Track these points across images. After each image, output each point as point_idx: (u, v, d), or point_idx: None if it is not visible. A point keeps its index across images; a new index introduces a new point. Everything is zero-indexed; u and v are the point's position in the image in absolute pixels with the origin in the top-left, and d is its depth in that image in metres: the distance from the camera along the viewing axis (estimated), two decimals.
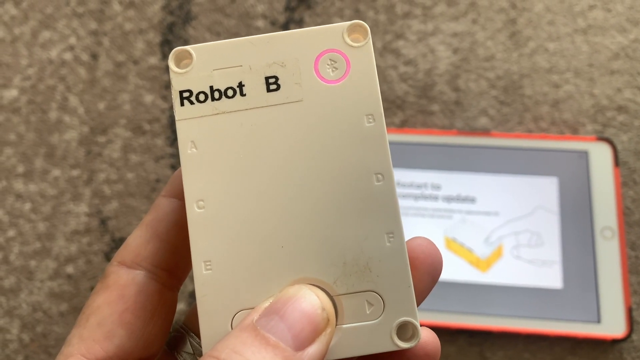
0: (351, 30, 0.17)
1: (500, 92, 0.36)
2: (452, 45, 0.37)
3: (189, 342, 0.19)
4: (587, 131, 0.36)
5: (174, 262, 0.19)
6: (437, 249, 0.18)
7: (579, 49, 0.37)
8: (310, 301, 0.15)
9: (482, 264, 0.33)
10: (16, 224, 0.36)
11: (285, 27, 0.38)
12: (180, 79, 0.17)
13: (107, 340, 0.17)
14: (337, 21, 0.38)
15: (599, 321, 0.32)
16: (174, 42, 0.38)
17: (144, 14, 0.39)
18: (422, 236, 0.18)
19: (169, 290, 0.19)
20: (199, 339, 0.19)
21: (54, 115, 0.38)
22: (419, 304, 0.17)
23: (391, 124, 0.36)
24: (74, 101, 0.38)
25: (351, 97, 0.17)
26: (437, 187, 0.35)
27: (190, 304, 0.35)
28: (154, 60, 0.38)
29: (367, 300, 0.16)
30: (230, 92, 0.17)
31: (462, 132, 0.35)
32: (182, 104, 0.17)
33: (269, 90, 0.17)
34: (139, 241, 0.18)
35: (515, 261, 0.33)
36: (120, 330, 0.17)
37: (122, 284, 0.18)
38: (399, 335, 0.16)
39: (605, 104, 0.36)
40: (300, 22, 0.38)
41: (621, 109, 0.36)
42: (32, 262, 0.36)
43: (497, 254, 0.34)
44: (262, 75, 0.17)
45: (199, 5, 0.39)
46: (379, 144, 0.17)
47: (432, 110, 0.36)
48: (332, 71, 0.17)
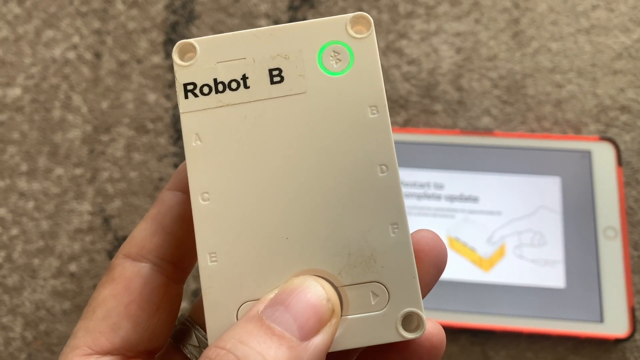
0: (354, 22, 0.17)
1: (503, 91, 0.37)
2: (455, 44, 0.37)
3: (194, 335, 0.19)
4: (590, 131, 0.36)
5: (179, 254, 0.19)
6: (442, 241, 0.18)
7: (582, 48, 0.37)
8: (315, 292, 0.15)
9: (485, 263, 0.33)
10: (19, 222, 0.36)
11: None
12: (184, 72, 0.17)
13: (113, 332, 0.17)
14: None
15: (601, 321, 0.32)
16: (177, 41, 0.38)
17: (147, 13, 0.39)
18: (427, 229, 0.18)
19: (174, 283, 0.19)
20: (205, 331, 0.19)
21: (57, 114, 0.38)
22: (424, 296, 0.17)
23: (394, 123, 0.36)
24: (77, 100, 0.38)
25: (355, 88, 0.17)
26: (440, 186, 0.35)
27: (192, 302, 0.35)
28: (157, 59, 0.38)
29: (372, 291, 0.16)
30: (234, 85, 0.17)
31: (465, 131, 0.35)
32: (186, 97, 0.17)
33: (272, 82, 0.17)
34: (144, 234, 0.18)
35: (517, 260, 0.33)
36: (125, 322, 0.17)
37: (128, 277, 0.18)
38: (404, 326, 0.16)
39: (608, 103, 0.36)
40: None
41: (624, 109, 0.36)
42: (36, 261, 0.36)
43: (500, 253, 0.34)
44: (266, 67, 0.17)
45: (202, 4, 0.39)
46: (382, 135, 0.17)
47: (435, 109, 0.36)
48: (336, 63, 0.17)
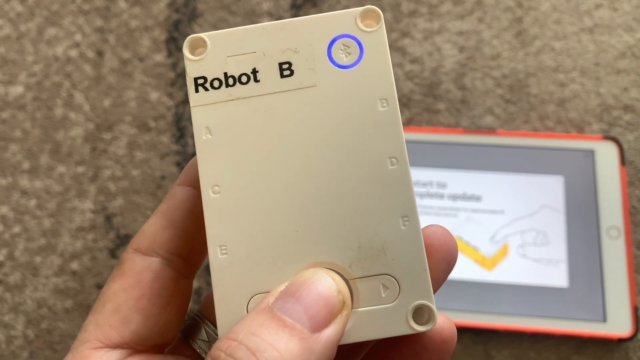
0: (364, 15, 0.17)
1: (506, 90, 0.36)
2: (458, 43, 0.37)
3: (203, 330, 0.19)
4: (593, 130, 0.36)
5: (189, 249, 0.19)
6: (452, 236, 0.18)
7: (586, 48, 0.37)
8: (326, 284, 0.15)
9: (488, 263, 0.33)
10: (21, 220, 0.36)
11: None
12: (194, 66, 0.17)
13: (123, 325, 0.17)
14: None
15: (604, 320, 0.32)
16: (179, 39, 0.38)
17: (149, 11, 0.39)
18: (437, 224, 0.18)
19: (184, 277, 0.19)
20: (214, 326, 0.19)
21: (59, 112, 0.38)
22: (434, 291, 0.17)
23: None
24: (79, 98, 0.38)
25: (365, 82, 0.17)
26: (442, 185, 0.35)
27: (196, 301, 0.35)
28: (160, 57, 0.38)
29: (382, 283, 0.16)
30: (244, 79, 0.17)
31: (468, 130, 0.35)
32: (196, 91, 0.17)
33: (282, 76, 0.17)
34: (154, 228, 0.18)
35: (520, 260, 0.33)
36: (136, 316, 0.17)
37: (138, 271, 0.18)
38: (415, 318, 0.16)
39: (611, 103, 0.36)
40: None
41: (627, 108, 0.36)
42: (37, 259, 0.36)
43: (503, 252, 0.34)
44: (276, 61, 0.17)
45: (204, 2, 0.39)
46: (393, 128, 0.17)
47: (438, 108, 0.36)
48: (346, 56, 0.17)
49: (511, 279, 0.33)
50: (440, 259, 0.17)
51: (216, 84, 0.17)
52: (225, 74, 0.17)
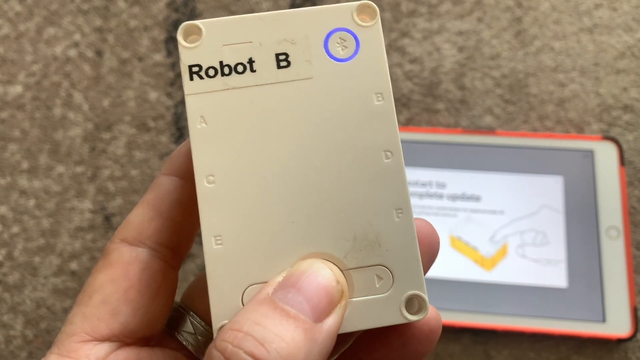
0: (360, 10, 0.17)
1: (505, 90, 0.36)
2: (457, 43, 0.37)
3: (189, 321, 0.19)
4: (593, 130, 0.35)
5: (176, 240, 0.18)
6: (435, 229, 0.18)
7: (585, 48, 0.37)
8: (325, 274, 0.15)
9: (487, 263, 0.33)
10: (20, 220, 0.36)
11: None
12: (189, 53, 0.17)
13: (112, 318, 0.17)
14: None
15: (604, 320, 0.32)
16: None
17: (148, 11, 0.39)
18: (420, 217, 0.18)
19: (171, 268, 0.19)
20: (200, 317, 0.19)
21: (58, 111, 0.38)
22: None
23: None
24: (78, 98, 0.38)
25: (361, 75, 0.17)
26: (442, 185, 0.35)
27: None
28: (159, 57, 0.38)
29: (376, 274, 0.16)
30: (240, 68, 0.17)
31: (467, 130, 0.35)
32: (191, 79, 0.17)
33: (279, 67, 0.17)
34: (141, 219, 0.18)
35: (520, 260, 0.33)
36: (125, 307, 0.17)
37: (126, 262, 0.17)
38: (407, 308, 0.16)
39: (610, 103, 0.36)
40: None
41: (627, 108, 0.36)
42: (36, 259, 0.36)
43: (502, 252, 0.33)
44: (273, 51, 0.17)
45: (203, 2, 0.39)
46: (388, 122, 0.17)
47: (438, 108, 0.36)
48: (342, 50, 0.17)
49: (510, 279, 0.33)
50: (423, 252, 0.17)
51: (211, 72, 0.17)
52: (220, 62, 0.17)
